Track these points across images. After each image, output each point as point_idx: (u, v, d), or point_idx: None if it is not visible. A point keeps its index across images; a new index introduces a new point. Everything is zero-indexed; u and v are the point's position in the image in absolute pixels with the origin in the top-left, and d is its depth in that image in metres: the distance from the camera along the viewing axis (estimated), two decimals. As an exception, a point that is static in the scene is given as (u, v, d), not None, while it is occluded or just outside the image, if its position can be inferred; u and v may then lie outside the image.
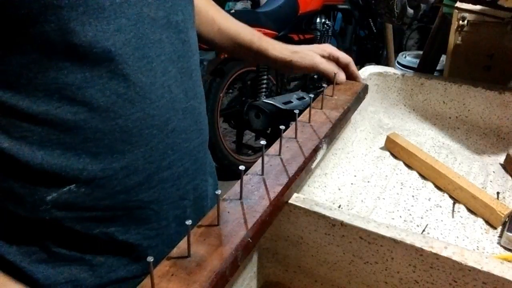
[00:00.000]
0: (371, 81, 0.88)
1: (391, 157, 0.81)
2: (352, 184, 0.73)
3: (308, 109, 0.63)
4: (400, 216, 0.66)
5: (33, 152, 0.43)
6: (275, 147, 0.55)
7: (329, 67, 0.74)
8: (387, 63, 2.35)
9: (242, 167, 0.44)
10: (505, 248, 0.60)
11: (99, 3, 0.42)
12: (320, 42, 2.57)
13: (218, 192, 0.40)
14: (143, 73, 0.46)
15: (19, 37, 0.40)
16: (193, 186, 0.56)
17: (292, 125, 0.59)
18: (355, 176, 0.75)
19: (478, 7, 0.89)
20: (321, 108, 0.66)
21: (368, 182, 0.74)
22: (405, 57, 2.03)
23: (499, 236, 0.62)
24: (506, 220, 0.63)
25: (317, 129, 0.60)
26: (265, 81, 2.22)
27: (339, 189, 0.72)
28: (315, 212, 0.47)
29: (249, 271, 0.54)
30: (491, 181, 0.74)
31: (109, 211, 0.48)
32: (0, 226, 0.47)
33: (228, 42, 0.73)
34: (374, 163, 0.79)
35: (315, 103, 0.68)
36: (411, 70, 1.40)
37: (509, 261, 0.41)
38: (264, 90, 2.21)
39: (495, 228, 0.63)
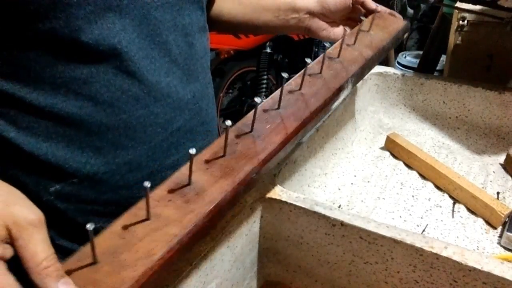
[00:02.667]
0: (371, 81, 0.88)
1: (391, 157, 0.81)
2: (352, 184, 0.73)
3: (339, 42, 0.56)
4: (400, 216, 0.66)
5: (38, 143, 0.45)
6: (297, 80, 0.50)
7: None
8: (387, 63, 2.35)
9: (258, 100, 0.40)
10: (505, 248, 0.60)
11: (106, 3, 0.43)
12: (320, 42, 2.57)
13: (228, 123, 0.37)
14: (148, 72, 0.47)
15: (28, 32, 0.41)
16: None
17: (319, 58, 0.53)
18: (355, 176, 0.75)
19: (478, 7, 0.89)
20: (354, 43, 0.59)
21: (368, 182, 0.74)
22: (405, 57, 2.03)
23: (499, 236, 0.62)
24: (506, 220, 0.63)
25: (346, 66, 0.54)
26: (265, 81, 2.22)
27: (339, 189, 0.72)
28: (315, 212, 0.47)
29: (249, 271, 0.54)
30: (491, 181, 0.74)
31: (111, 205, 0.49)
32: None
33: (251, 10, 0.70)
34: (374, 163, 0.79)
35: (348, 36, 0.61)
36: (411, 70, 1.40)
37: (509, 261, 0.41)
38: (264, 90, 2.21)
39: (495, 228, 0.63)
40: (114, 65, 0.45)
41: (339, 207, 0.68)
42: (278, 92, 0.46)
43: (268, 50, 2.22)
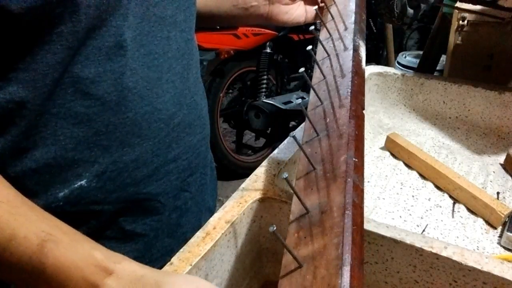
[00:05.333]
0: (371, 81, 0.88)
1: (391, 157, 0.81)
2: (352, 184, 0.73)
3: (322, 27, 0.55)
4: (400, 216, 0.66)
5: (46, 147, 0.44)
6: (316, 74, 0.49)
7: None
8: (387, 63, 2.35)
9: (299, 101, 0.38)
10: (505, 248, 0.60)
11: (116, 0, 0.43)
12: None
13: (292, 134, 0.34)
14: (149, 68, 0.48)
15: (52, 35, 0.40)
16: (194, 178, 0.58)
17: (319, 47, 0.52)
18: (355, 176, 0.75)
19: (478, 7, 0.89)
20: (332, 18, 0.57)
21: (368, 182, 0.74)
22: (405, 57, 2.03)
23: (499, 236, 0.62)
24: (506, 220, 0.63)
25: (343, 33, 0.52)
26: (265, 81, 2.21)
27: (339, 189, 0.72)
28: (315, 212, 0.47)
29: (249, 271, 0.54)
30: (491, 181, 0.74)
31: (119, 203, 0.49)
32: None
33: (211, 1, 0.68)
34: (374, 163, 0.79)
35: (323, 15, 0.60)
36: (411, 70, 1.40)
37: (509, 261, 0.41)
38: (264, 90, 2.21)
39: (495, 228, 0.63)
40: (120, 63, 0.45)
41: (339, 207, 0.68)
42: (313, 92, 0.45)
43: (268, 50, 2.22)
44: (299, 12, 0.68)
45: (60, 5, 0.39)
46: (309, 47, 0.45)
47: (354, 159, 0.36)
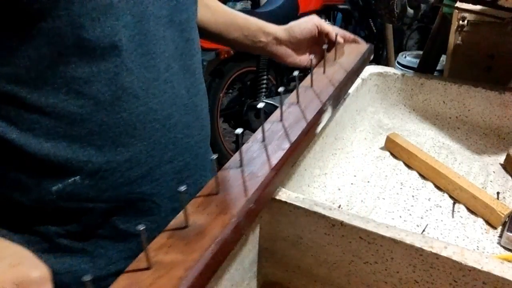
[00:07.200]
0: (371, 81, 0.88)
1: (391, 157, 0.81)
2: (351, 184, 0.73)
3: (310, 74, 0.61)
4: (400, 216, 0.66)
5: (40, 144, 0.44)
6: (276, 113, 0.53)
7: (331, 28, 0.71)
8: (387, 63, 2.35)
9: (238, 130, 0.42)
10: (505, 248, 0.60)
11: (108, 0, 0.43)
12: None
13: (213, 157, 0.38)
14: (146, 68, 0.48)
15: (32, 31, 0.41)
16: (193, 180, 0.57)
17: (294, 91, 0.57)
18: (354, 176, 0.75)
19: (478, 7, 0.89)
20: (324, 72, 0.63)
21: (368, 182, 0.74)
22: (405, 57, 2.02)
23: (499, 236, 0.62)
24: (506, 220, 0.63)
25: (320, 93, 0.58)
26: (264, 81, 2.22)
27: (339, 189, 0.72)
28: (314, 212, 0.47)
29: (249, 271, 0.54)
30: (491, 181, 0.73)
31: (112, 202, 0.49)
32: (4, 214, 0.48)
33: (223, 24, 0.70)
34: (374, 163, 0.79)
35: (318, 68, 0.65)
36: (411, 70, 1.40)
37: (509, 261, 0.41)
38: (263, 90, 2.21)
39: (495, 228, 0.63)
40: (115, 64, 0.45)
41: (339, 207, 0.68)
42: (260, 130, 0.49)
43: (268, 50, 2.22)
44: (303, 58, 0.73)
45: (36, 1, 0.39)
46: (295, 73, 0.51)
47: (252, 205, 0.39)
